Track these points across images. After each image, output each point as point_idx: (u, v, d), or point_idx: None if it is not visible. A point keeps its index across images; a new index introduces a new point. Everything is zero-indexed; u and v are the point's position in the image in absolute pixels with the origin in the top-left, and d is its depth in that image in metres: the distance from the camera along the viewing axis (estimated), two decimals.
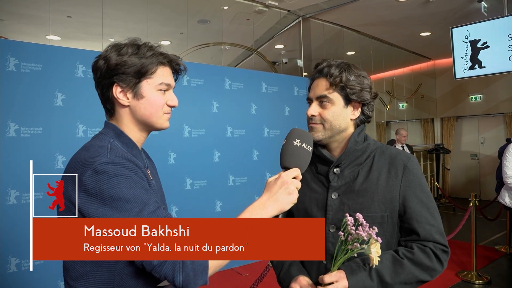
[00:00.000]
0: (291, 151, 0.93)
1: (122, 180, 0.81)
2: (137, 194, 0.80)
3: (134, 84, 0.91)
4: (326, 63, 1.10)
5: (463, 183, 8.34)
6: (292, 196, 0.88)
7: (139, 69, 0.90)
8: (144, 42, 0.96)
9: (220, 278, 3.64)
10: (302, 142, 0.94)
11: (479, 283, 3.44)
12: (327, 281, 0.93)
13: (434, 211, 1.05)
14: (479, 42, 4.41)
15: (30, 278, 2.74)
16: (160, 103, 0.94)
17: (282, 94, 4.47)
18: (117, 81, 0.91)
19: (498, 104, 7.65)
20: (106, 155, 0.84)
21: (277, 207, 0.87)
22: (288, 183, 0.88)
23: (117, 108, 0.95)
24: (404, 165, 1.06)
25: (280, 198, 0.87)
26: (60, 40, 5.34)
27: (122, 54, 0.91)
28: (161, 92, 0.94)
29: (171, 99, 0.97)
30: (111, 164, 0.81)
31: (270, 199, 0.87)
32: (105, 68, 0.92)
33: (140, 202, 0.80)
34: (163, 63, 0.94)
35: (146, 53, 0.92)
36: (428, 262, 0.99)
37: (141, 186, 0.83)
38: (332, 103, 1.07)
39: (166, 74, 0.95)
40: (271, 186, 0.89)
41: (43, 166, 2.83)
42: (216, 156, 3.87)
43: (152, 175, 1.03)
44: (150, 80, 0.92)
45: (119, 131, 0.94)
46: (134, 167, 0.85)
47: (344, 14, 5.50)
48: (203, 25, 5.46)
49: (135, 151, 0.95)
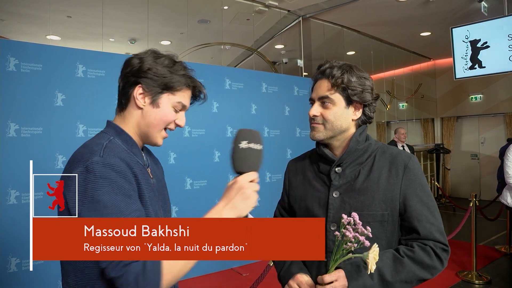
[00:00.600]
0: (240, 155, 0.90)
1: (106, 184, 0.81)
2: (117, 201, 0.80)
3: (156, 93, 0.95)
4: (329, 65, 1.11)
5: (463, 183, 8.34)
6: (250, 201, 0.86)
7: (167, 82, 0.94)
8: (180, 61, 1.01)
9: (220, 278, 3.64)
10: (249, 143, 0.90)
11: (479, 283, 3.44)
12: (327, 280, 0.93)
13: (434, 210, 1.06)
14: (479, 42, 4.41)
15: (30, 278, 2.74)
16: (169, 119, 0.97)
17: (282, 94, 4.47)
18: (142, 83, 0.94)
19: (498, 104, 7.65)
20: (99, 153, 0.84)
21: (234, 213, 0.85)
22: (245, 188, 0.86)
23: (130, 108, 0.97)
24: (405, 164, 1.07)
25: (237, 204, 0.86)
26: (60, 40, 5.34)
27: (158, 63, 0.95)
28: (174, 109, 0.97)
29: (181, 119, 1.00)
30: (100, 165, 0.82)
31: (226, 206, 0.86)
32: (137, 67, 0.94)
33: (116, 211, 0.79)
34: (188, 86, 0.98)
35: (179, 70, 0.96)
36: (428, 260, 1.00)
37: (124, 193, 0.82)
38: (333, 103, 1.09)
39: (186, 96, 0.99)
40: (228, 192, 0.87)
41: (43, 166, 2.83)
42: (216, 156, 3.87)
43: (154, 174, 1.03)
44: (172, 96, 0.96)
45: (119, 129, 0.96)
46: (124, 169, 0.85)
47: (344, 14, 5.50)
48: (203, 25, 5.46)
49: (135, 149, 0.96)
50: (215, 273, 3.75)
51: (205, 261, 3.99)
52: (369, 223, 1.04)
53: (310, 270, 1.11)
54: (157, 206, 0.96)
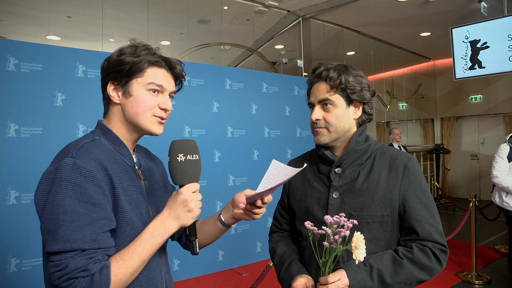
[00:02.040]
0: (179, 169, 0.89)
1: (70, 188, 0.78)
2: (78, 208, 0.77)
3: (125, 82, 0.92)
4: (324, 67, 1.12)
5: (463, 183, 8.34)
6: (193, 213, 0.88)
7: (130, 67, 0.91)
8: (145, 44, 0.96)
9: (219, 278, 3.64)
10: (185, 155, 0.89)
11: (479, 283, 3.44)
12: (330, 280, 0.93)
13: (434, 211, 1.07)
14: (479, 42, 4.41)
15: (30, 278, 2.74)
16: (148, 103, 0.92)
17: (282, 94, 4.47)
18: (111, 79, 0.93)
19: (498, 104, 7.66)
20: (72, 154, 0.82)
21: (178, 223, 0.87)
22: (188, 201, 0.87)
23: (110, 106, 0.96)
24: (404, 165, 1.08)
25: (180, 215, 0.87)
26: (60, 40, 5.34)
27: (121, 54, 0.92)
28: (150, 93, 0.92)
29: (164, 102, 0.94)
30: (69, 167, 0.79)
31: (170, 216, 0.87)
32: (105, 67, 0.94)
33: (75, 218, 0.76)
34: (154, 62, 0.93)
35: (140, 52, 0.93)
36: (427, 261, 1.00)
37: (87, 199, 0.78)
38: (334, 105, 1.09)
39: (158, 75, 0.93)
40: (172, 203, 0.88)
41: (43, 166, 2.83)
42: (216, 156, 3.87)
43: (147, 175, 1.01)
44: (140, 79, 0.92)
45: (106, 129, 0.94)
46: (95, 173, 0.81)
47: (344, 14, 5.50)
48: (203, 25, 5.46)
49: (122, 149, 0.94)
50: (215, 273, 3.75)
51: (205, 261, 3.99)
52: (368, 223, 1.05)
53: (309, 270, 1.12)
54: (144, 209, 0.93)
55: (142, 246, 0.83)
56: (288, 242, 1.25)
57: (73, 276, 0.74)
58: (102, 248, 0.79)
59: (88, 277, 0.75)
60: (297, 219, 1.21)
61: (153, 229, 0.86)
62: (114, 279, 0.78)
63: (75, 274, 0.74)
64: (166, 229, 0.86)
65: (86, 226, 0.77)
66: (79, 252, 0.76)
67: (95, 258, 0.77)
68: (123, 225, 0.86)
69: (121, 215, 0.86)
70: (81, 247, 0.76)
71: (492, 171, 3.19)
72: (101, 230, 0.79)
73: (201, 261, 3.69)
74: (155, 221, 0.87)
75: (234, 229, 3.98)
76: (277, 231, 1.32)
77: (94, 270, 0.76)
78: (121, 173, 0.89)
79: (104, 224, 0.80)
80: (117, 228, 0.85)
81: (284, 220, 1.30)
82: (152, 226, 0.86)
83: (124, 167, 0.92)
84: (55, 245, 0.75)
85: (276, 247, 1.23)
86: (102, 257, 0.79)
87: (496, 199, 3.23)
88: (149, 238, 0.85)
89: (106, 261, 0.79)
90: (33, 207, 3.10)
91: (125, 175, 0.90)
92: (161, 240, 0.86)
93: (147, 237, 0.85)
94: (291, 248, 1.21)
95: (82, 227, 0.77)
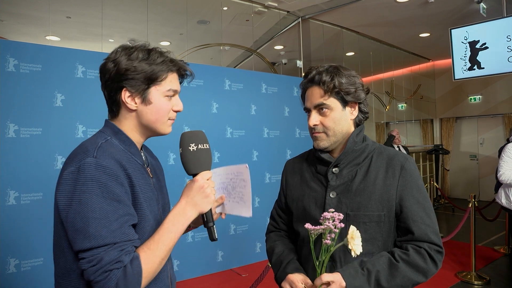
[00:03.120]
0: (192, 158, 0.94)
1: (96, 187, 0.80)
2: (105, 205, 0.80)
3: (143, 90, 0.91)
4: (316, 71, 1.10)
5: (462, 184, 8.35)
6: (210, 198, 0.93)
7: (149, 75, 0.90)
8: (154, 48, 0.96)
9: (219, 279, 3.64)
10: (197, 145, 0.95)
11: (478, 283, 3.44)
12: (324, 279, 0.93)
13: (430, 211, 1.07)
14: (478, 43, 4.42)
15: (29, 279, 2.74)
16: (166, 109, 0.95)
17: (281, 94, 4.47)
18: (126, 86, 0.91)
19: (497, 105, 7.67)
20: (93, 154, 0.84)
21: (197, 210, 0.92)
22: (204, 187, 0.92)
23: (123, 111, 0.95)
24: (401, 165, 1.08)
25: (198, 201, 0.91)
26: (60, 40, 5.34)
27: (132, 59, 0.90)
28: (168, 98, 0.95)
29: (177, 104, 0.98)
30: (93, 166, 0.81)
31: (188, 203, 0.91)
32: (114, 72, 0.91)
33: (103, 216, 0.79)
34: (172, 70, 0.95)
35: (156, 59, 0.92)
36: (423, 264, 1.00)
37: (113, 197, 0.81)
38: (330, 109, 1.09)
39: (174, 80, 0.96)
40: (189, 191, 0.92)
41: (42, 166, 2.83)
42: (215, 157, 3.87)
43: (153, 173, 1.03)
44: (159, 86, 0.93)
45: (117, 129, 0.95)
46: (117, 171, 0.84)
47: (344, 15, 5.51)
48: (203, 26, 5.46)
49: (133, 148, 0.95)
50: (215, 274, 3.75)
51: (205, 262, 3.97)
52: (365, 223, 1.05)
53: (306, 269, 1.12)
54: (156, 206, 0.96)
55: (167, 235, 0.87)
56: (285, 242, 1.25)
57: (108, 269, 0.77)
58: (132, 240, 0.83)
59: (121, 269, 0.78)
60: (295, 219, 1.21)
61: (174, 217, 0.89)
62: (145, 268, 0.81)
63: (110, 266, 0.77)
64: (186, 217, 0.90)
65: (114, 222, 0.80)
66: (111, 246, 0.79)
67: (126, 249, 0.81)
68: (141, 221, 0.89)
69: (140, 212, 0.89)
70: (113, 241, 0.79)
71: (500, 169, 3.18)
72: (127, 224, 0.83)
73: (200, 261, 3.69)
74: (173, 210, 0.90)
75: (234, 229, 3.98)
76: (274, 231, 1.32)
77: (126, 261, 0.79)
78: (135, 171, 0.91)
79: (129, 219, 0.84)
80: (137, 224, 0.88)
81: (281, 220, 1.31)
82: (172, 215, 0.89)
83: (137, 166, 0.93)
84: (87, 242, 0.78)
85: (274, 247, 1.23)
86: (131, 248, 0.82)
87: (503, 200, 3.22)
88: (171, 227, 0.88)
89: (135, 252, 0.83)
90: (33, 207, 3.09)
91: (138, 173, 0.92)
92: (182, 228, 0.90)
93: (169, 226, 0.88)
94: (288, 248, 1.21)
95: (111, 223, 0.80)
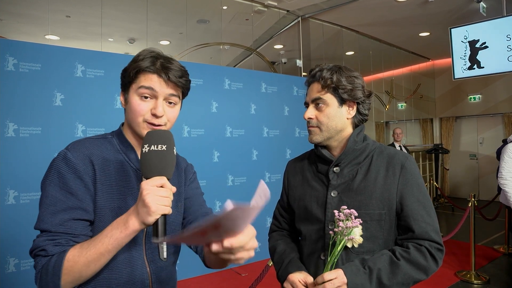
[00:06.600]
0: (144, 160, 0.80)
1: (56, 176, 0.86)
2: (57, 194, 0.85)
3: (126, 90, 0.95)
4: (319, 68, 1.15)
5: (462, 183, 8.35)
6: (149, 209, 0.75)
7: (128, 73, 0.93)
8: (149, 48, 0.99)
9: (219, 278, 3.64)
10: (150, 145, 0.80)
11: (478, 282, 3.44)
12: (326, 278, 0.95)
13: (430, 209, 1.08)
14: (478, 43, 4.42)
15: (29, 278, 2.74)
16: (138, 109, 0.90)
17: (281, 94, 4.47)
18: (121, 87, 0.98)
19: (497, 104, 7.67)
20: (68, 146, 0.91)
21: (138, 219, 0.77)
22: (143, 195, 0.76)
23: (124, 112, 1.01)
24: (401, 164, 1.09)
25: (139, 210, 0.77)
26: (59, 39, 5.34)
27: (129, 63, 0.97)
28: (142, 98, 0.90)
29: (155, 107, 0.90)
30: (60, 158, 0.88)
31: (134, 211, 0.79)
32: None
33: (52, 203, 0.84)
34: (144, 69, 0.90)
35: (138, 58, 0.93)
36: (423, 261, 1.01)
37: (67, 188, 0.85)
38: (326, 104, 1.11)
39: (148, 78, 0.90)
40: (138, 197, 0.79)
41: (41, 166, 2.82)
42: (215, 156, 3.87)
43: None
44: (134, 84, 0.92)
45: (119, 130, 1.00)
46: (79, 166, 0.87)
47: (343, 14, 5.50)
48: (203, 25, 5.46)
49: (129, 151, 0.97)
50: (214, 273, 3.75)
51: None
52: (366, 222, 1.06)
53: (308, 267, 1.13)
54: None
55: (100, 238, 0.79)
56: (287, 241, 1.26)
57: (36, 253, 0.81)
58: (69, 233, 0.83)
59: (47, 257, 0.80)
60: (297, 218, 1.22)
61: (116, 222, 0.80)
62: (66, 265, 0.79)
63: (37, 252, 0.81)
64: (126, 224, 0.78)
65: (60, 212, 0.83)
66: (46, 233, 0.82)
67: (57, 241, 0.81)
68: (96, 220, 0.88)
69: (96, 210, 0.88)
70: (48, 229, 0.82)
71: (502, 171, 3.18)
72: (73, 217, 0.84)
73: (200, 261, 3.69)
74: (122, 215, 0.81)
75: None
76: (276, 230, 1.33)
77: (53, 252, 0.80)
78: (113, 171, 0.91)
79: (80, 214, 0.85)
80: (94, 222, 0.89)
81: (283, 219, 1.32)
82: (116, 220, 0.81)
83: (123, 168, 0.93)
84: (36, 223, 0.84)
85: (276, 245, 1.24)
86: (66, 242, 0.82)
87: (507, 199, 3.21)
88: (109, 231, 0.79)
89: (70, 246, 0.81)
90: (32, 207, 3.10)
91: (117, 174, 0.92)
92: (120, 236, 0.78)
93: (108, 229, 0.80)
94: (290, 247, 1.22)
95: (57, 211, 0.83)
